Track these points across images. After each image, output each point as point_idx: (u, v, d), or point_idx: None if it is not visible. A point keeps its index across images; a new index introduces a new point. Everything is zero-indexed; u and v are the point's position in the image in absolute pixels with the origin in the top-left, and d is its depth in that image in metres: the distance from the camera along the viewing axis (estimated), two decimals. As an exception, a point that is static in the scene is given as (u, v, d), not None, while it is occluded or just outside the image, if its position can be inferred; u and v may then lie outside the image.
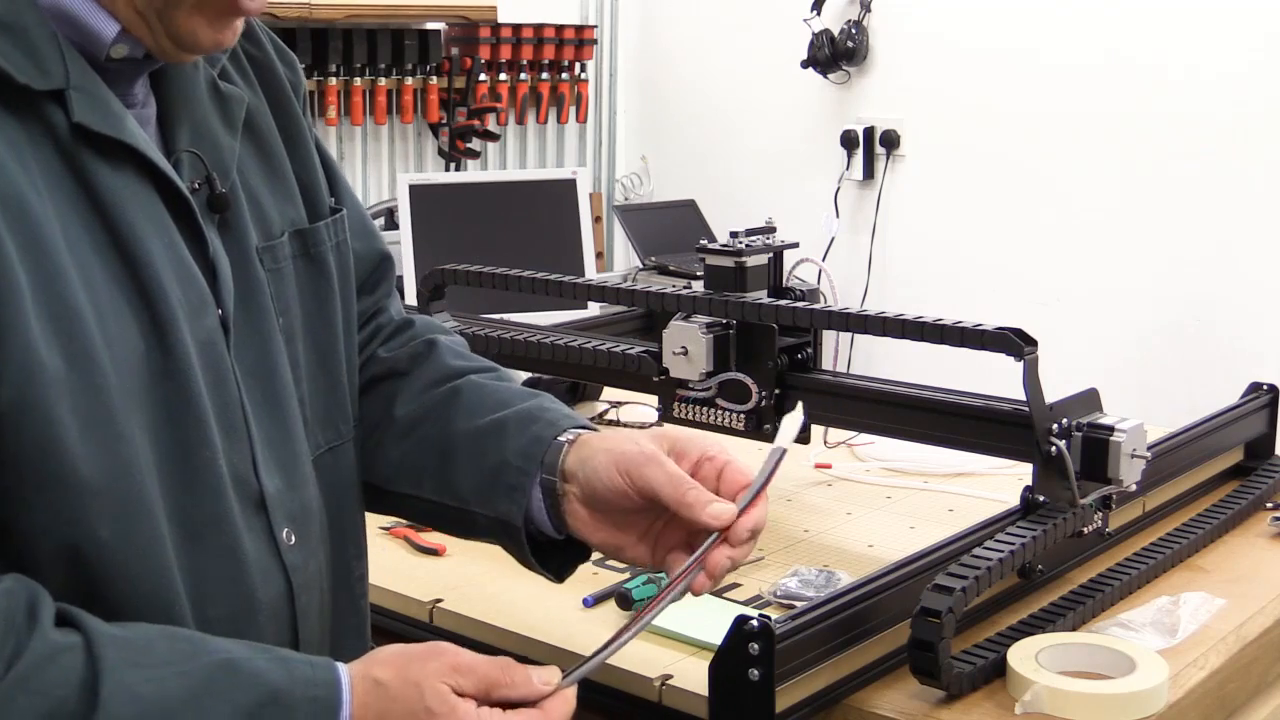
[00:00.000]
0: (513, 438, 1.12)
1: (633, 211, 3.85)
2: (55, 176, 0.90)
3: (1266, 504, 1.69)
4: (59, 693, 0.81)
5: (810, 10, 3.90)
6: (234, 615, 0.97)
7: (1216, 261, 3.39)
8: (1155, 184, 3.46)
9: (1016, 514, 1.40)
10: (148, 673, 0.84)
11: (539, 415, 1.13)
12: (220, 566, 0.96)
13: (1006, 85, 3.69)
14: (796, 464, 1.86)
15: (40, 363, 0.85)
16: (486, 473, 1.12)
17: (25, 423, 0.85)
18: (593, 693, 1.26)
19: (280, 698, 0.87)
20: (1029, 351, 1.39)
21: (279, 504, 1.02)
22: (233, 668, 0.87)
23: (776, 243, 1.71)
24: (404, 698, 0.90)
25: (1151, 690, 1.19)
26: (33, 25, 0.89)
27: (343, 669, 0.91)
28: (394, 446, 1.18)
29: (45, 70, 0.90)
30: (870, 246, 3.97)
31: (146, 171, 0.95)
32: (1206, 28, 3.35)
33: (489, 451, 1.12)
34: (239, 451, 0.99)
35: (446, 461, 1.14)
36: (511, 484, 1.10)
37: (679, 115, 4.42)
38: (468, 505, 1.13)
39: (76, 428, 0.86)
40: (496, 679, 0.92)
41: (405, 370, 1.22)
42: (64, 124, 0.90)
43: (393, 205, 3.39)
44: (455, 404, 1.17)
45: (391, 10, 3.73)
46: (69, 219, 0.89)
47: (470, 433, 1.14)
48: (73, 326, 0.87)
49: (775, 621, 1.13)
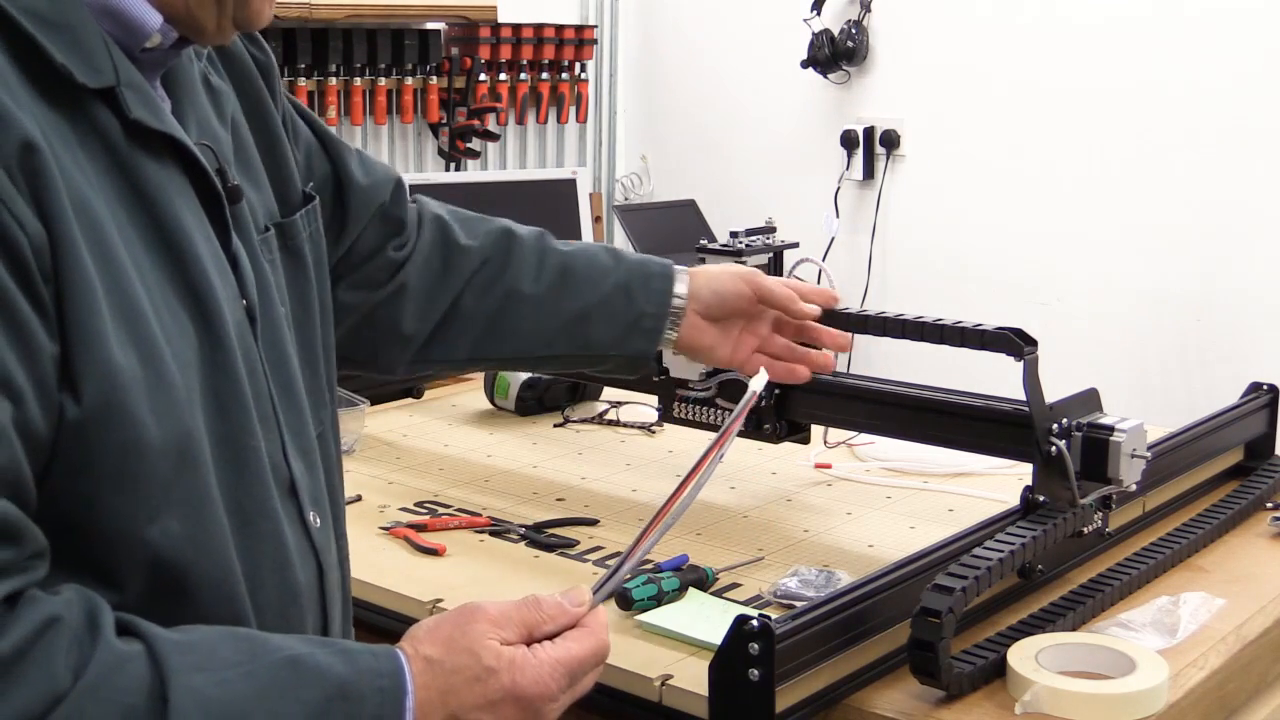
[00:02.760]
0: (640, 295, 1.45)
1: (633, 211, 3.84)
2: (106, 175, 0.90)
3: (1266, 504, 1.69)
4: (129, 700, 0.81)
5: (810, 10, 3.90)
6: (280, 600, 0.99)
7: (1216, 261, 3.39)
8: (1155, 184, 3.46)
9: (1016, 514, 1.40)
10: (214, 675, 0.84)
11: (651, 270, 1.46)
12: (268, 552, 0.98)
13: (1006, 85, 3.68)
14: (796, 464, 1.86)
15: (119, 365, 0.86)
16: (625, 324, 1.44)
17: (110, 425, 0.85)
18: (593, 693, 1.26)
19: (348, 691, 0.87)
20: (1029, 351, 1.39)
21: (305, 488, 1.05)
22: (297, 664, 0.87)
23: (776, 243, 1.71)
24: (462, 667, 0.92)
25: (1151, 690, 1.19)
26: (80, 22, 0.90)
27: (402, 654, 0.92)
28: (522, 321, 1.43)
29: (97, 68, 0.90)
30: (870, 246, 3.97)
31: (185, 166, 0.96)
32: (1207, 29, 3.35)
33: (620, 310, 1.44)
34: (271, 439, 1.01)
35: (584, 323, 1.44)
36: (648, 327, 1.45)
37: (679, 115, 4.42)
38: (602, 351, 1.45)
39: (153, 425, 0.87)
40: (534, 619, 0.96)
41: (498, 260, 1.43)
42: (113, 122, 0.91)
43: (393, 205, 3.39)
44: (574, 279, 1.44)
45: (391, 10, 3.73)
46: (121, 217, 0.90)
47: (600, 299, 1.44)
48: (141, 326, 0.88)
49: (775, 621, 1.13)
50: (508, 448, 1.98)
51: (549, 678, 0.94)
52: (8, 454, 0.80)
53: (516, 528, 1.63)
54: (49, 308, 0.83)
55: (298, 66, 3.58)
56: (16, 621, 0.79)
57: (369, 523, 1.63)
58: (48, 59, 0.87)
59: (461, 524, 1.64)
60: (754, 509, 1.71)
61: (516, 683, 0.93)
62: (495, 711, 0.92)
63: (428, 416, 2.14)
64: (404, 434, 2.04)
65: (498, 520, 1.65)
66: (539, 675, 0.93)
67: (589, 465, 1.89)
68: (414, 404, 2.20)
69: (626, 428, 2.06)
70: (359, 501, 1.71)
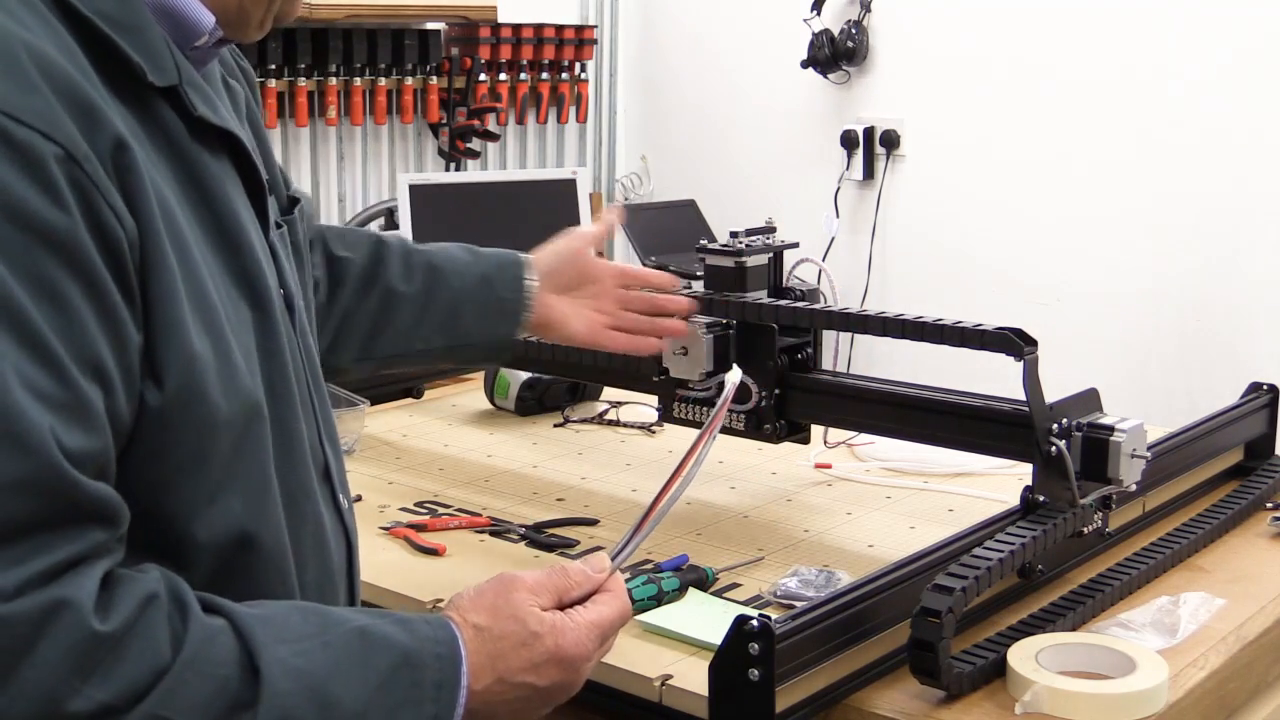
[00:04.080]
0: (499, 283, 1.49)
1: (633, 211, 3.84)
2: (172, 169, 0.94)
3: (1266, 504, 1.69)
4: (223, 671, 0.85)
5: (810, 10, 3.90)
6: (320, 578, 1.04)
7: (1217, 262, 3.39)
8: (1155, 184, 3.46)
9: (1016, 514, 1.40)
10: (294, 646, 0.89)
11: (506, 260, 1.51)
12: (311, 533, 1.03)
13: (1006, 85, 3.69)
14: (796, 464, 1.86)
15: (198, 352, 0.90)
16: (489, 311, 1.49)
17: (190, 412, 0.90)
18: (593, 693, 1.26)
19: (411, 658, 0.93)
20: (1029, 351, 1.39)
21: (336, 471, 1.10)
22: (366, 635, 0.92)
23: (776, 243, 1.71)
24: (509, 633, 0.98)
25: (1151, 690, 1.19)
26: (146, 25, 0.93)
27: (453, 622, 0.98)
28: (402, 318, 1.46)
29: (163, 67, 0.93)
30: (870, 246, 3.97)
31: (235, 159, 1.01)
32: (1207, 29, 3.35)
33: (484, 297, 1.49)
34: (310, 423, 1.06)
35: (455, 314, 1.48)
36: (509, 311, 1.49)
37: (679, 115, 4.42)
38: (469, 340, 1.49)
39: (226, 409, 0.92)
40: (564, 586, 1.02)
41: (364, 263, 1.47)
42: (176, 119, 0.95)
43: (393, 205, 3.39)
44: (442, 274, 1.49)
45: (391, 10, 3.73)
46: (187, 210, 0.94)
47: (466, 290, 1.49)
48: (211, 315, 0.92)
49: (775, 621, 1.13)
50: (508, 448, 1.98)
51: (586, 639, 1.01)
52: (103, 439, 0.84)
53: (516, 528, 1.63)
54: (137, 299, 0.87)
55: (298, 66, 3.58)
56: (119, 600, 0.83)
57: (369, 523, 1.63)
58: (122, 59, 0.90)
59: (461, 524, 1.64)
60: (754, 509, 1.71)
61: (560, 645, 0.99)
62: (539, 673, 0.98)
63: (428, 416, 2.14)
64: (404, 434, 2.04)
65: (498, 520, 1.65)
66: (578, 637, 1.00)
67: (589, 465, 1.89)
68: (414, 404, 2.20)
69: (626, 428, 2.06)
70: (359, 502, 1.71)
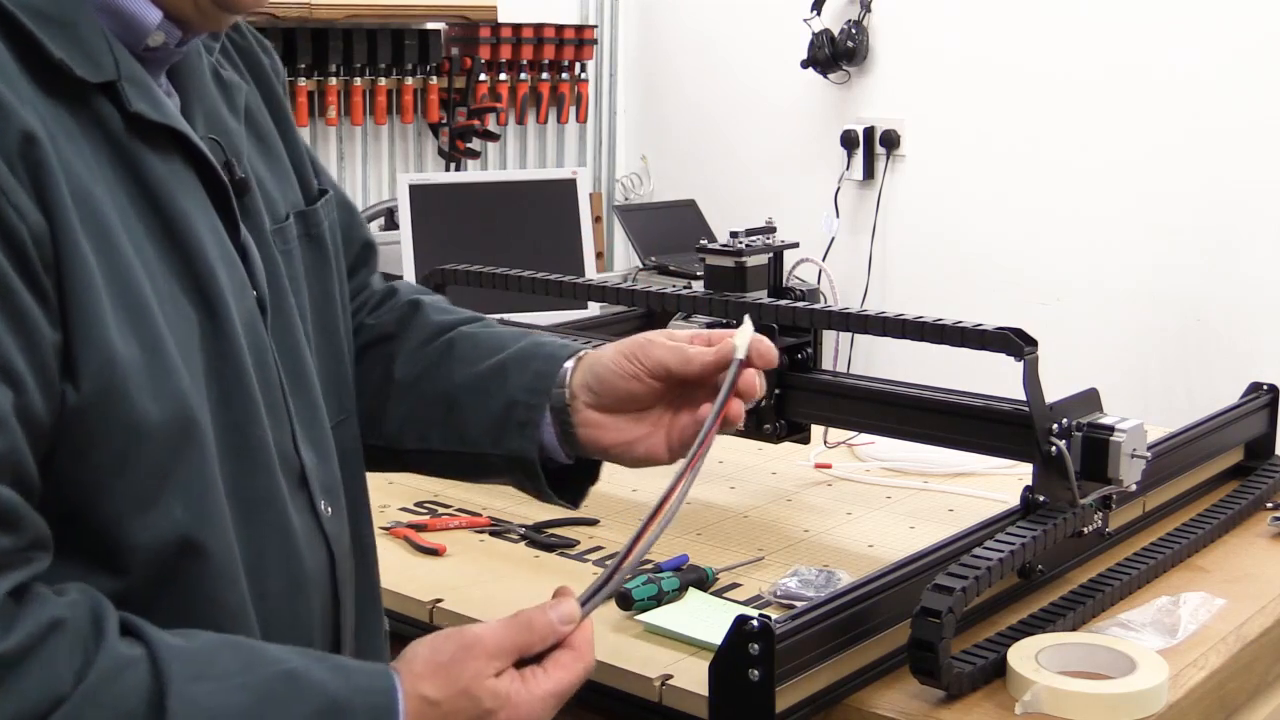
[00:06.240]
0: (515, 376, 1.15)
1: (633, 211, 3.84)
2: (109, 167, 0.92)
3: (1266, 504, 1.69)
4: (127, 706, 0.82)
5: (810, 10, 3.90)
6: (287, 589, 1.00)
7: (1217, 261, 3.39)
8: (1155, 184, 3.46)
9: (1016, 514, 1.40)
10: (211, 685, 0.84)
11: (536, 351, 1.16)
12: (274, 541, 0.99)
13: (1006, 85, 3.68)
14: (796, 464, 1.86)
15: (119, 352, 0.87)
16: (495, 414, 1.15)
17: (110, 413, 0.87)
18: (593, 693, 1.26)
19: (338, 706, 0.88)
20: (1029, 351, 1.39)
21: (316, 477, 1.05)
22: (293, 678, 0.87)
23: (776, 243, 1.71)
24: (461, 709, 0.91)
25: (1151, 690, 1.19)
26: (80, 18, 0.91)
27: (396, 675, 0.92)
28: (397, 406, 1.21)
29: (98, 63, 0.91)
30: (870, 246, 3.97)
31: (190, 158, 0.98)
32: (1208, 29, 3.35)
33: (493, 394, 1.15)
34: (281, 428, 1.02)
35: (452, 411, 1.18)
36: (522, 420, 1.13)
37: (679, 115, 4.42)
38: (479, 448, 1.16)
39: (156, 413, 0.89)
40: (526, 643, 0.94)
41: (395, 333, 1.25)
42: (115, 115, 0.92)
43: (393, 205, 3.39)
44: (451, 356, 1.20)
45: (391, 10, 3.73)
46: (125, 209, 0.92)
47: (471, 380, 1.17)
48: (143, 315, 0.90)
49: (775, 621, 1.13)
50: (508, 448, 1.97)
51: (541, 711, 0.94)
52: (8, 441, 0.81)
53: (516, 527, 1.63)
54: (50, 296, 0.85)
55: (298, 66, 3.58)
56: (21, 620, 0.80)
57: (369, 523, 1.63)
58: (45, 53, 0.88)
59: (461, 524, 1.64)
60: (754, 509, 1.71)
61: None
62: None
63: (428, 416, 2.13)
64: (404, 434, 2.03)
65: (498, 520, 1.65)
66: (532, 711, 0.93)
67: (589, 465, 1.89)
68: (414, 404, 2.19)
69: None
70: (359, 501, 1.71)
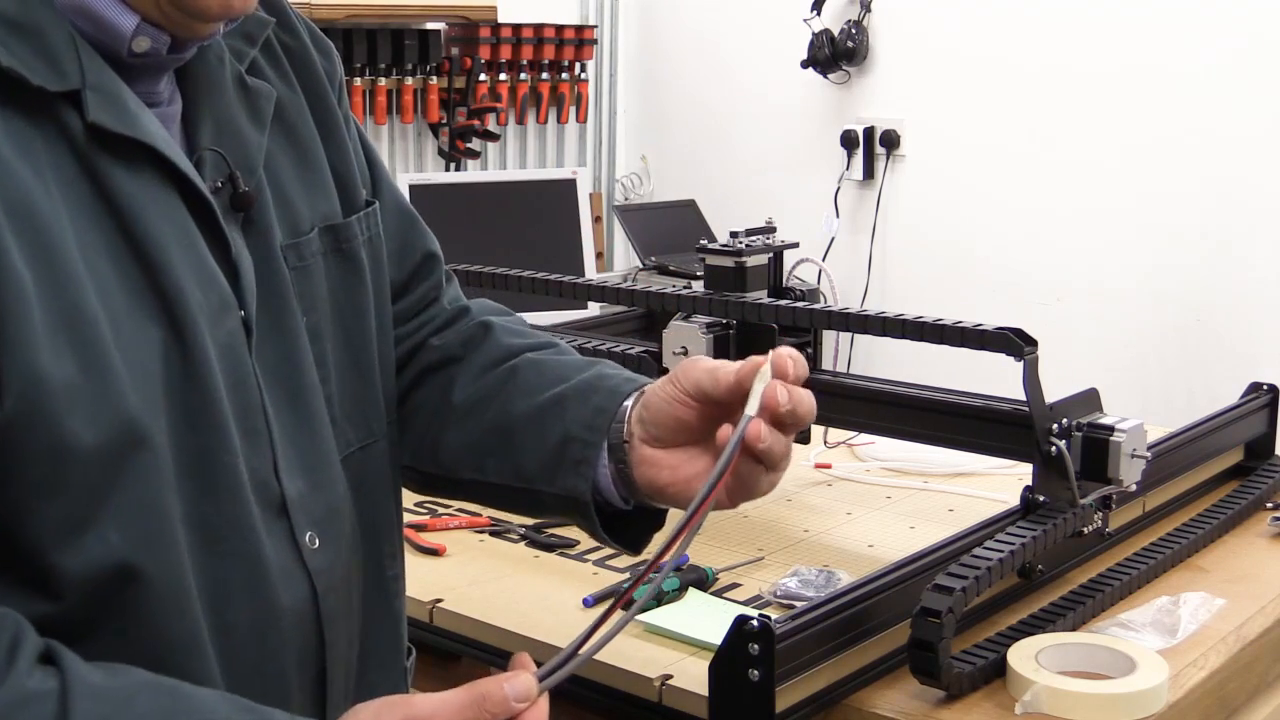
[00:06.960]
0: (574, 410, 1.09)
1: (633, 211, 3.84)
2: (70, 180, 0.88)
3: (1266, 504, 1.69)
4: None
5: (810, 10, 3.90)
6: (255, 620, 0.95)
7: (1217, 261, 3.39)
8: (1156, 183, 3.45)
9: (1016, 514, 1.40)
10: None
11: (598, 385, 1.10)
12: (239, 571, 0.94)
13: (1006, 85, 3.68)
14: (796, 464, 1.86)
15: (46, 372, 0.83)
16: (550, 450, 1.09)
17: (32, 433, 0.83)
18: (593, 693, 1.26)
19: None
20: (1029, 351, 1.39)
21: (301, 507, 0.99)
22: None
23: (776, 243, 1.71)
24: None
25: (1151, 690, 1.19)
26: (47, 24, 0.87)
27: None
28: (454, 432, 1.15)
29: (61, 71, 0.87)
30: (870, 246, 3.97)
31: (166, 172, 0.93)
32: (1208, 28, 3.35)
33: (551, 428, 1.09)
34: (260, 455, 0.96)
35: (507, 442, 1.12)
36: (577, 458, 1.07)
37: (679, 115, 4.42)
38: (533, 484, 1.10)
39: (90, 435, 0.84)
40: (474, 719, 0.87)
41: (459, 355, 1.19)
42: (79, 125, 0.88)
43: (393, 205, 3.39)
44: (512, 384, 1.14)
45: (391, 10, 3.73)
46: (83, 223, 0.87)
47: (530, 411, 1.11)
48: (86, 332, 0.85)
49: (775, 621, 1.13)
50: (508, 448, 1.97)
51: None
52: None
53: (516, 528, 1.63)
54: None
55: (298, 66, 3.58)
56: None
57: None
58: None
59: (461, 524, 1.64)
60: (754, 509, 1.71)
61: None
62: None
63: (428, 416, 2.13)
64: (404, 434, 2.03)
65: (498, 520, 1.65)
66: None
67: (589, 465, 1.89)
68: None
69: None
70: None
